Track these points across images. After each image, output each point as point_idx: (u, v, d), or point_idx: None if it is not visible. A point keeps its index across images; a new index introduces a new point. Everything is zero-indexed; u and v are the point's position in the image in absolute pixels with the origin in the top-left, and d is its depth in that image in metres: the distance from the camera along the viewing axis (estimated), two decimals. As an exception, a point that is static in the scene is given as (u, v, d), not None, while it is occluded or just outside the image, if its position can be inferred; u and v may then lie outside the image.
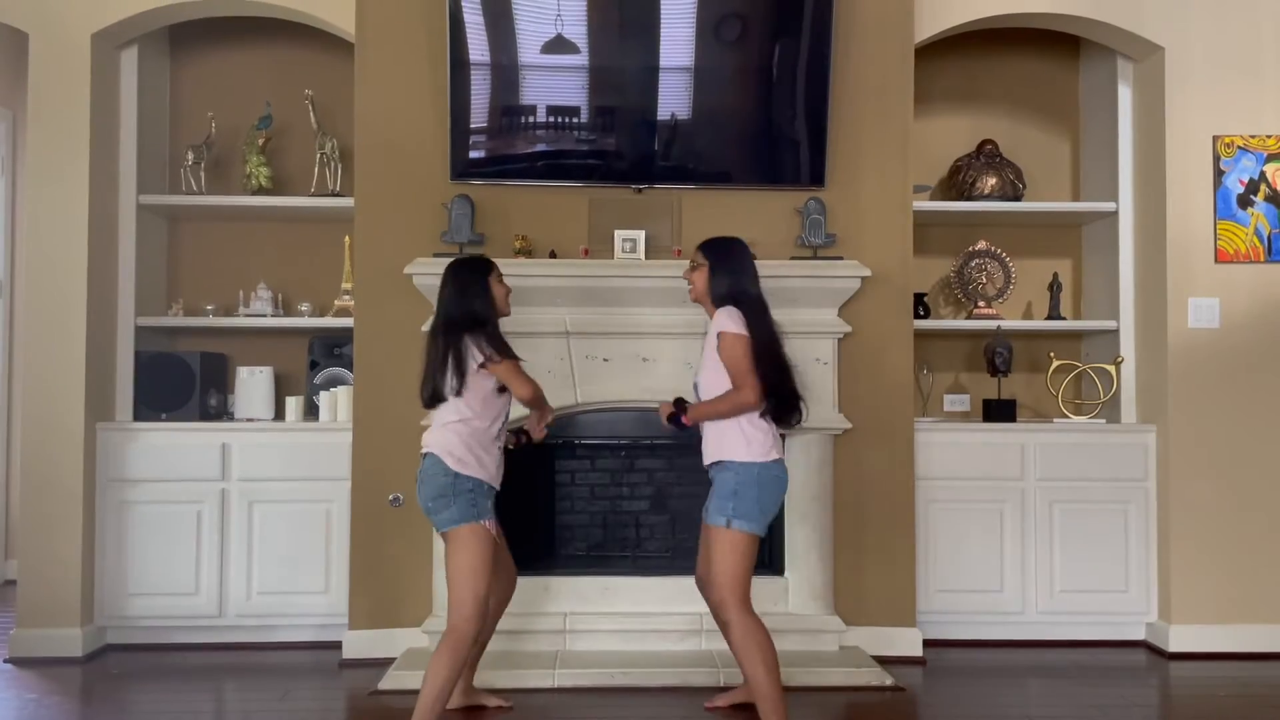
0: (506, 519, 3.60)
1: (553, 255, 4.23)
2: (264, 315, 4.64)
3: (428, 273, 4.00)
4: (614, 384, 4.17)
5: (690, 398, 3.49)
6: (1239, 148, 4.45)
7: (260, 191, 4.66)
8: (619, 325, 4.17)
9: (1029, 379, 4.93)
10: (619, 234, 4.24)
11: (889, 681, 3.88)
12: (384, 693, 3.75)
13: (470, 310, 3.27)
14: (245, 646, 4.36)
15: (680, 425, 3.40)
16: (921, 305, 4.72)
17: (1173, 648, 4.34)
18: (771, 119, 4.34)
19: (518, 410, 3.50)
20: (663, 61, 4.28)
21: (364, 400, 4.21)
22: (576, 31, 4.23)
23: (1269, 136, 4.45)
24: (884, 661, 4.07)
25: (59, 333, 4.26)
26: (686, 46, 4.30)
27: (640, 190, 4.29)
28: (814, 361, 4.20)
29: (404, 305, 4.15)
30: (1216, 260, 4.43)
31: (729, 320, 3.28)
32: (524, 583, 4.15)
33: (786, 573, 4.23)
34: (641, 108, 4.28)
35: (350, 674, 4.01)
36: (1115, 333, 4.70)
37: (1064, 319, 4.80)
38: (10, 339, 5.72)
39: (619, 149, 4.29)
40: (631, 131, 4.29)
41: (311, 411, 4.57)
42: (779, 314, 4.00)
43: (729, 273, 3.40)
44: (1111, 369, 4.66)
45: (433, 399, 3.28)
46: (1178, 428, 4.41)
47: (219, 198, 4.66)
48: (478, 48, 4.20)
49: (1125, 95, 4.70)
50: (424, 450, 3.28)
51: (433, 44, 4.22)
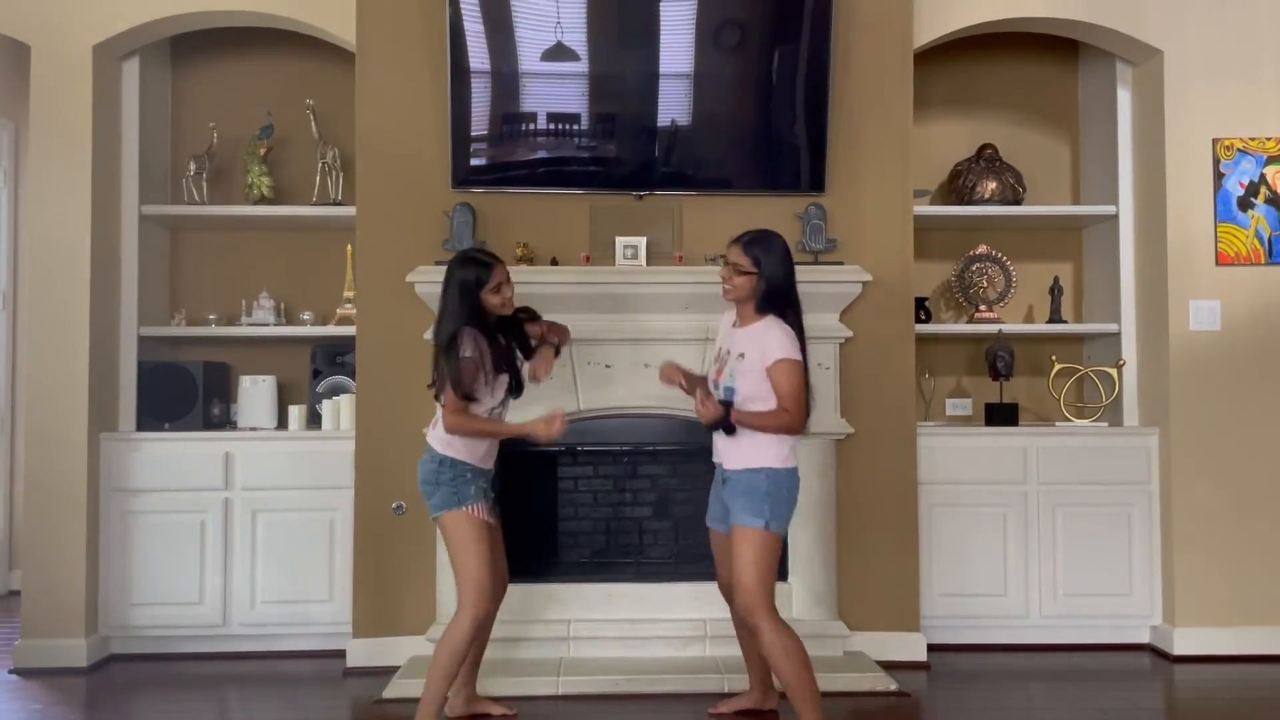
0: (510, 526, 3.61)
1: (554, 262, 4.24)
2: (266, 324, 4.65)
3: (429, 281, 4.00)
4: (616, 390, 4.17)
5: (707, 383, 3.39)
6: (1239, 150, 4.45)
7: (262, 201, 4.67)
8: (621, 332, 4.18)
9: (1031, 383, 4.93)
10: (620, 241, 4.25)
11: (893, 687, 3.88)
12: (388, 701, 3.75)
13: (449, 331, 3.29)
14: (249, 656, 4.36)
15: (727, 429, 3.23)
16: (923, 309, 4.73)
17: (1177, 651, 4.33)
18: (771, 125, 4.35)
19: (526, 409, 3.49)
20: (662, 68, 4.29)
21: (367, 408, 4.22)
22: (576, 39, 4.24)
23: (1268, 139, 4.45)
24: (888, 666, 4.06)
25: (62, 343, 4.27)
26: (686, 53, 4.31)
27: (641, 197, 4.30)
28: (816, 366, 4.16)
29: (406, 313, 4.16)
30: (1217, 263, 4.44)
31: (789, 344, 3.20)
32: (527, 589, 4.17)
33: (790, 578, 4.22)
34: (642, 114, 4.29)
35: (354, 682, 4.01)
36: (1116, 336, 4.70)
37: (1065, 322, 4.81)
38: (13, 350, 5.73)
39: (619, 156, 4.30)
40: (632, 138, 4.30)
41: (314, 420, 4.58)
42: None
43: (776, 277, 3.26)
44: (1113, 372, 4.66)
45: (437, 393, 3.35)
46: (1180, 430, 4.41)
47: (221, 207, 4.67)
48: (478, 56, 4.22)
49: (1125, 99, 4.71)
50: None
51: (433, 53, 4.23)
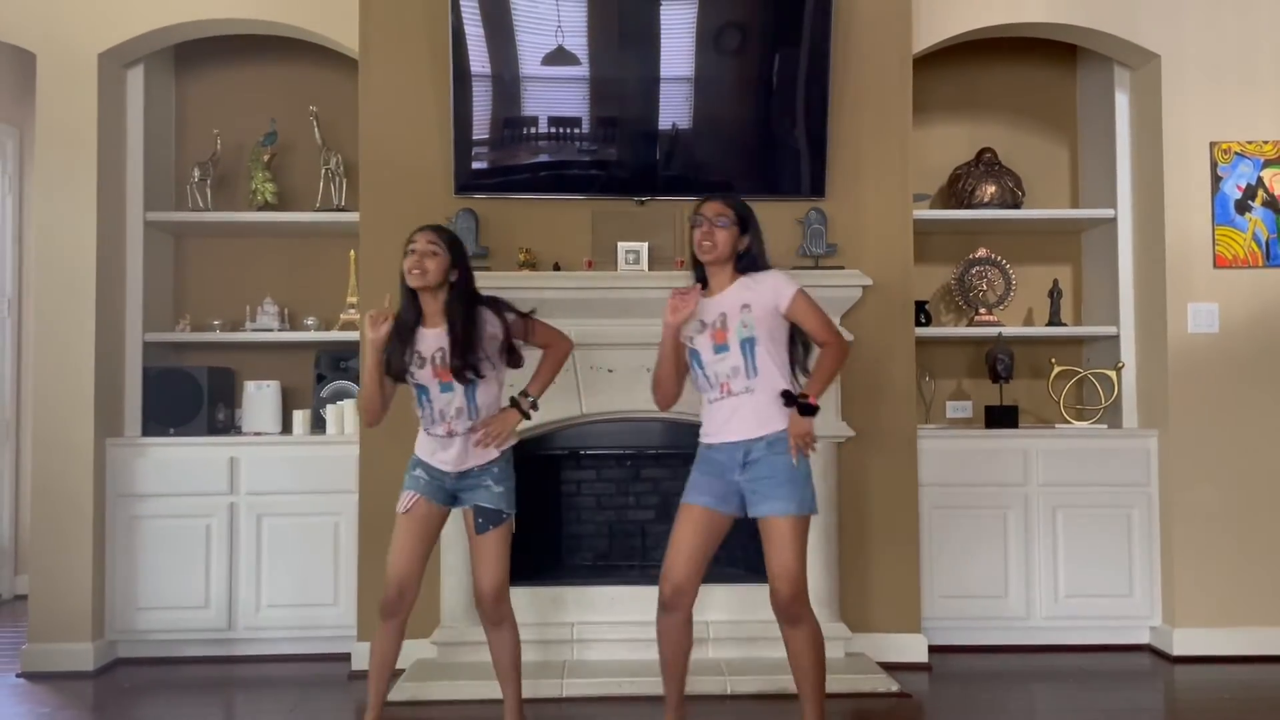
0: (515, 530, 3.60)
1: (557, 268, 4.27)
2: (270, 330, 4.67)
3: (433, 286, 4.02)
4: (619, 395, 4.20)
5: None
6: (1236, 153, 4.48)
7: (266, 207, 4.70)
8: (623, 336, 4.20)
9: (1030, 385, 4.96)
10: (622, 246, 4.28)
11: (894, 688, 3.90)
12: (393, 704, 3.75)
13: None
14: (255, 659, 4.39)
15: (814, 410, 2.99)
16: (923, 313, 4.75)
17: (1177, 651, 4.35)
18: (772, 129, 4.38)
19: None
20: (663, 72, 4.31)
21: (371, 413, 4.23)
22: (577, 43, 4.27)
23: (1266, 142, 4.48)
24: (889, 668, 4.09)
25: (68, 349, 4.30)
26: (686, 57, 4.33)
27: (642, 202, 4.33)
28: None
29: (410, 319, 4.18)
30: (1215, 265, 4.46)
31: (791, 279, 3.07)
32: (532, 593, 4.19)
33: (792, 581, 4.24)
34: (642, 118, 4.32)
35: (359, 685, 4.01)
36: (1116, 338, 4.72)
37: (1064, 325, 4.83)
38: (19, 356, 5.75)
39: (620, 159, 4.32)
40: (633, 142, 4.33)
41: (318, 425, 4.61)
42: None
43: (755, 237, 3.10)
44: (1112, 374, 4.68)
45: None
46: (1179, 432, 4.43)
47: (225, 214, 4.70)
48: (479, 60, 4.24)
49: (1123, 102, 4.74)
50: None
51: (435, 59, 4.26)
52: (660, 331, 3.12)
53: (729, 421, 3.04)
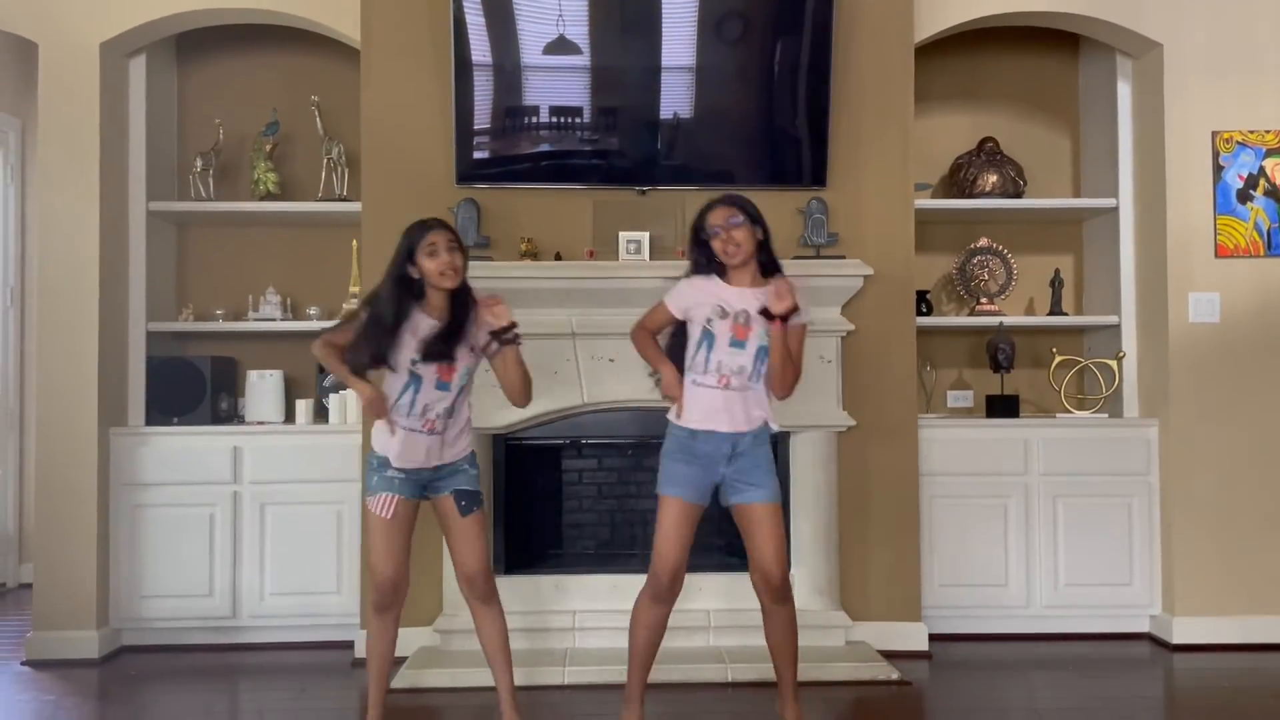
0: (515, 518, 3.63)
1: (558, 257, 4.27)
2: (273, 319, 4.68)
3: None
4: (620, 384, 4.20)
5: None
6: (1238, 143, 4.47)
7: (268, 197, 4.71)
8: (624, 326, 4.13)
9: (1031, 374, 4.96)
10: (623, 236, 4.28)
11: (895, 676, 3.92)
12: (397, 691, 3.79)
13: (375, 293, 3.16)
14: (259, 647, 4.41)
15: (783, 318, 2.98)
16: (924, 302, 4.76)
17: (1177, 640, 4.37)
18: (773, 119, 4.37)
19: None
20: (664, 61, 4.31)
21: (373, 403, 4.25)
22: (578, 32, 4.26)
23: (1268, 131, 4.47)
24: (890, 656, 4.11)
25: (71, 339, 4.31)
26: (688, 46, 4.33)
27: (644, 192, 4.33)
28: (818, 359, 4.23)
29: (411, 308, 4.19)
30: (1216, 255, 4.46)
31: (807, 304, 3.06)
32: (533, 581, 4.22)
33: (792, 568, 4.25)
34: (644, 108, 4.32)
35: (363, 673, 4.02)
36: (1117, 328, 4.73)
37: (1066, 314, 4.84)
38: (23, 346, 5.77)
39: (622, 149, 4.32)
40: (634, 132, 4.33)
41: (321, 414, 4.62)
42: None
43: (764, 227, 3.12)
44: (1113, 364, 4.69)
45: None
46: (1179, 422, 4.44)
47: (227, 204, 4.70)
48: (480, 50, 4.24)
49: (1124, 92, 4.73)
50: None
51: (437, 49, 4.26)
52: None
53: (720, 412, 3.07)
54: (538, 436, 4.32)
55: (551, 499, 4.66)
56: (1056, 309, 4.81)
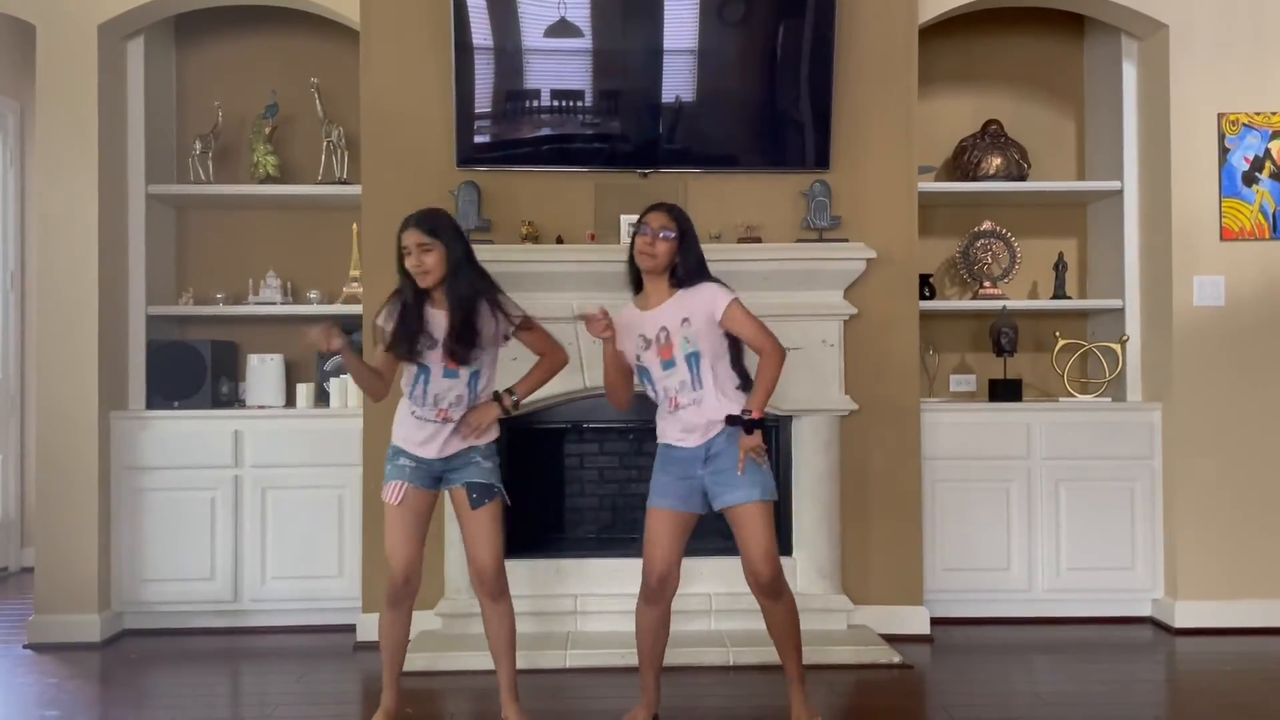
0: (517, 502, 3.60)
1: (559, 241, 4.26)
2: (273, 303, 4.67)
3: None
4: (621, 368, 4.19)
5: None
6: (1244, 125, 4.44)
7: (267, 180, 4.69)
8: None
9: (1035, 358, 4.95)
10: (625, 219, 4.26)
11: (897, 659, 3.92)
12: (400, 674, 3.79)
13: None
14: (261, 630, 4.42)
15: (759, 424, 3.08)
16: (927, 286, 4.74)
17: (1178, 624, 4.37)
18: (776, 102, 4.35)
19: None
20: (666, 44, 4.29)
21: (374, 386, 4.24)
22: (579, 14, 4.24)
23: (1273, 113, 4.44)
24: (892, 640, 4.11)
25: (71, 323, 4.30)
26: (690, 28, 4.30)
27: (645, 175, 4.31)
28: (820, 343, 4.22)
29: (412, 292, 4.17)
30: (1221, 238, 4.44)
31: (724, 288, 3.12)
32: (535, 565, 4.22)
33: (794, 552, 4.26)
34: (646, 91, 4.30)
35: (365, 656, 4.06)
36: (1120, 311, 4.71)
37: (1069, 298, 4.82)
38: (23, 329, 5.76)
39: (624, 132, 4.30)
40: (636, 115, 4.30)
41: (322, 398, 4.61)
42: (785, 297, 3.99)
43: (695, 244, 3.16)
44: (1117, 348, 4.67)
45: None
46: (1183, 405, 4.42)
47: (227, 186, 4.69)
48: (481, 32, 4.21)
49: (1129, 73, 4.70)
50: None
51: (437, 30, 4.23)
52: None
53: (685, 434, 3.16)
54: (539, 420, 4.31)
55: (553, 483, 4.65)
56: (1060, 292, 4.80)
